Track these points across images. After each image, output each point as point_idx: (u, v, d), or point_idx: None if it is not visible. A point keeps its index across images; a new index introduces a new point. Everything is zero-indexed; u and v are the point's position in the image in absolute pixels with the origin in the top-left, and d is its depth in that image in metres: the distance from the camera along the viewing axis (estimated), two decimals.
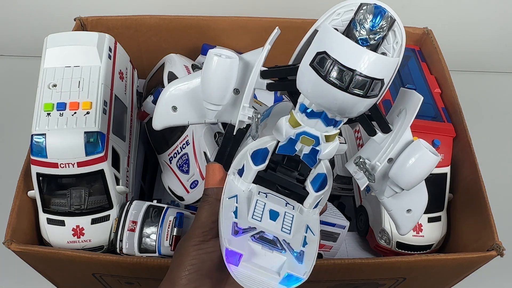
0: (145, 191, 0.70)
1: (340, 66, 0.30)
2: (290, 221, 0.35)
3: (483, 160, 0.59)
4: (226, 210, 0.34)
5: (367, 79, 0.30)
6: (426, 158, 0.35)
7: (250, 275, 0.31)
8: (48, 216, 0.53)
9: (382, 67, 0.31)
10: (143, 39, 0.75)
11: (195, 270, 0.35)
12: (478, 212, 0.55)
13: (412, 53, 0.72)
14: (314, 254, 0.33)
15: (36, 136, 0.50)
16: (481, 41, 0.99)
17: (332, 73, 0.30)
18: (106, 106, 0.54)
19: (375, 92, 0.31)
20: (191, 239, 0.36)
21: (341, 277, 0.53)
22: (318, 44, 0.31)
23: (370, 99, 0.31)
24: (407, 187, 0.37)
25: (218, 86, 0.36)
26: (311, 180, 0.37)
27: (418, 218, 0.41)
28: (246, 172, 0.36)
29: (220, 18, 0.74)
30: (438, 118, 0.62)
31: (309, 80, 0.31)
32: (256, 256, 0.32)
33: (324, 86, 0.30)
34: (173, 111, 0.40)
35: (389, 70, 0.32)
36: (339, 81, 0.30)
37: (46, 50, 0.55)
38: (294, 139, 0.35)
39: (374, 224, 0.61)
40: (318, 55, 0.31)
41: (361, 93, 0.30)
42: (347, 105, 0.31)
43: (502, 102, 1.00)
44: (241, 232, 0.33)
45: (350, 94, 0.30)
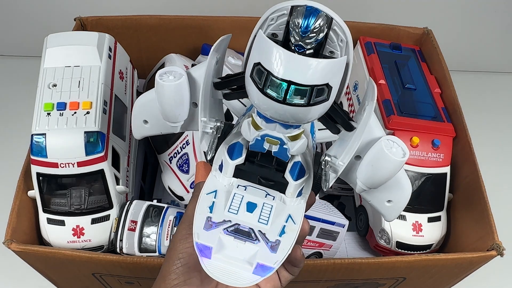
0: (145, 191, 0.70)
1: (273, 78, 0.28)
2: (268, 211, 0.35)
3: (483, 160, 0.59)
4: (202, 205, 0.34)
5: (306, 87, 0.28)
6: (389, 162, 0.35)
7: (223, 267, 0.31)
8: (48, 216, 0.53)
9: (323, 71, 0.29)
10: (143, 39, 0.75)
11: (182, 264, 0.35)
12: (478, 212, 0.55)
13: (412, 53, 0.72)
14: (291, 243, 0.33)
15: (36, 136, 0.50)
16: (481, 41, 0.99)
17: (269, 86, 0.29)
18: (106, 106, 0.54)
19: (322, 97, 0.29)
20: (178, 233, 0.37)
21: (341, 276, 0.53)
22: (254, 54, 0.30)
23: (319, 105, 0.30)
24: (373, 186, 0.37)
25: (171, 108, 0.37)
26: (289, 170, 0.36)
27: (402, 207, 0.40)
28: (224, 167, 0.36)
29: (220, 18, 0.74)
30: (438, 118, 0.62)
31: (252, 92, 0.30)
32: (228, 248, 0.32)
33: (264, 98, 0.29)
34: (145, 124, 0.42)
35: (334, 72, 0.30)
36: (275, 93, 0.29)
37: (46, 50, 0.55)
38: (260, 140, 0.35)
39: (374, 224, 0.61)
40: (255, 66, 0.30)
41: (303, 102, 0.29)
42: (294, 115, 0.30)
43: (502, 102, 1.00)
44: (214, 226, 0.33)
45: (290, 105, 0.29)
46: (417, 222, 0.59)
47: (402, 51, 0.72)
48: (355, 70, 0.72)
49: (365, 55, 0.70)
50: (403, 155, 0.35)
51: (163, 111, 0.38)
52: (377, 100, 0.64)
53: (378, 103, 0.63)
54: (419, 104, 0.63)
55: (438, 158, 0.59)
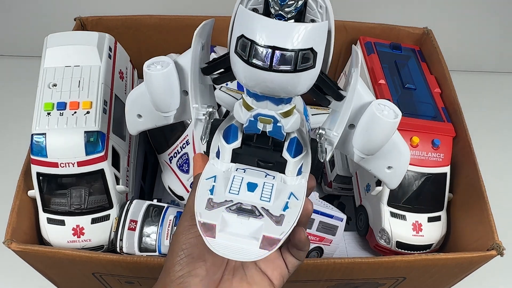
0: (145, 190, 0.70)
1: (258, 46, 0.28)
2: (269, 190, 0.34)
3: (483, 160, 0.59)
4: (203, 189, 0.34)
5: (291, 52, 0.28)
6: (382, 125, 0.35)
7: (228, 245, 0.31)
8: (48, 216, 0.53)
9: (306, 35, 0.29)
10: (143, 39, 0.75)
11: (186, 255, 0.35)
12: (478, 212, 0.55)
13: (412, 53, 0.72)
14: (296, 216, 0.33)
15: (36, 136, 0.50)
16: (481, 41, 0.99)
17: (254, 55, 0.29)
18: (106, 106, 0.54)
19: (309, 63, 0.29)
20: (180, 225, 0.37)
21: (341, 276, 0.53)
22: (237, 29, 0.30)
23: (306, 71, 0.29)
24: (370, 153, 0.37)
25: (161, 97, 0.37)
26: (287, 148, 0.36)
27: (402, 173, 0.40)
28: (221, 152, 0.36)
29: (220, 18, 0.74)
30: (438, 118, 0.62)
31: (239, 68, 0.30)
32: (232, 225, 0.31)
33: (251, 70, 0.29)
34: (139, 118, 0.42)
35: (317, 36, 0.29)
36: (261, 61, 0.29)
37: (46, 50, 0.55)
38: (254, 120, 0.34)
39: (374, 224, 0.61)
40: (239, 40, 0.30)
41: (290, 68, 0.29)
42: (283, 84, 0.30)
43: (502, 102, 1.00)
44: (216, 206, 0.32)
45: (277, 72, 0.29)
46: (417, 222, 0.59)
47: (402, 51, 0.72)
48: None
49: (365, 55, 0.70)
50: (395, 116, 0.35)
51: (154, 102, 0.38)
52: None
53: None
54: (419, 104, 0.63)
55: (438, 158, 0.59)
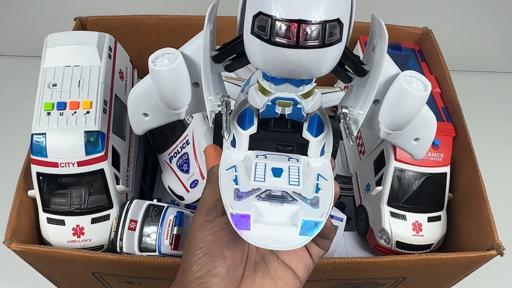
0: (145, 190, 0.70)
1: (281, 22, 0.26)
2: (296, 173, 0.32)
3: (483, 160, 0.59)
4: (226, 180, 0.31)
5: (317, 25, 0.26)
6: (412, 99, 0.33)
7: (266, 235, 0.28)
8: (48, 216, 0.53)
9: (331, 5, 0.26)
10: (143, 39, 0.75)
11: (204, 253, 0.33)
12: (478, 212, 0.55)
13: (412, 53, 0.72)
14: (331, 197, 0.31)
15: (36, 136, 0.50)
16: (481, 41, 0.99)
17: (276, 33, 0.26)
18: (106, 106, 0.54)
19: (336, 36, 0.27)
20: (195, 222, 0.34)
21: (341, 276, 0.53)
22: (251, 7, 0.27)
23: (333, 46, 0.27)
24: (399, 128, 0.35)
25: (172, 94, 0.34)
26: (307, 128, 0.34)
27: (429, 143, 0.38)
28: (238, 140, 0.34)
29: (220, 18, 0.73)
30: (438, 117, 0.61)
31: (256, 50, 0.28)
32: (266, 214, 0.29)
33: (273, 50, 0.27)
34: (144, 117, 0.39)
35: (342, 6, 0.27)
36: (286, 39, 0.26)
37: (46, 49, 0.55)
38: (271, 105, 0.32)
39: (374, 224, 0.61)
40: (255, 19, 0.27)
41: (318, 43, 0.26)
42: (309, 62, 0.27)
43: (502, 102, 1.00)
44: (245, 195, 0.30)
45: (305, 48, 0.26)
46: (417, 222, 0.59)
47: (402, 51, 0.72)
48: None
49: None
50: (424, 89, 0.33)
51: (165, 99, 0.35)
52: None
53: None
54: None
55: (438, 158, 0.59)
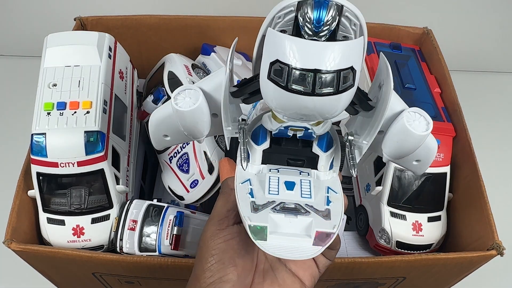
0: (145, 190, 0.70)
1: (297, 71, 0.27)
2: (308, 186, 0.34)
3: (483, 160, 0.59)
4: (242, 193, 0.33)
5: (333, 73, 0.27)
6: (413, 137, 0.34)
7: (281, 245, 0.30)
8: (48, 216, 0.53)
9: (345, 54, 0.28)
10: (143, 39, 0.75)
11: (216, 260, 0.34)
12: (478, 212, 0.55)
13: (412, 53, 0.72)
14: (341, 210, 0.33)
15: (36, 136, 0.50)
16: (481, 41, 0.99)
17: (293, 81, 0.27)
18: (106, 106, 0.54)
19: (349, 82, 0.28)
20: (207, 230, 0.36)
21: (341, 276, 0.53)
22: (268, 53, 0.29)
23: (347, 91, 0.29)
24: (401, 157, 0.37)
25: (194, 128, 0.36)
26: (317, 143, 0.36)
27: (430, 163, 0.40)
28: (252, 155, 0.36)
29: (220, 18, 0.74)
30: (438, 117, 0.62)
31: (273, 95, 0.29)
32: (281, 226, 0.31)
33: (289, 97, 0.28)
34: (165, 138, 0.40)
35: (356, 54, 0.29)
36: (302, 86, 0.27)
37: (46, 49, 0.55)
38: (284, 129, 0.34)
39: (374, 224, 0.61)
40: (272, 66, 0.28)
41: (332, 90, 0.28)
42: (324, 108, 0.29)
43: (502, 102, 1.00)
44: (261, 208, 0.32)
45: (320, 96, 0.28)
46: (417, 222, 0.59)
47: (402, 51, 0.72)
48: None
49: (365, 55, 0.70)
50: (426, 129, 0.34)
51: (186, 130, 0.37)
52: None
53: None
54: (419, 104, 0.62)
55: (438, 158, 0.59)
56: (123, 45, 0.64)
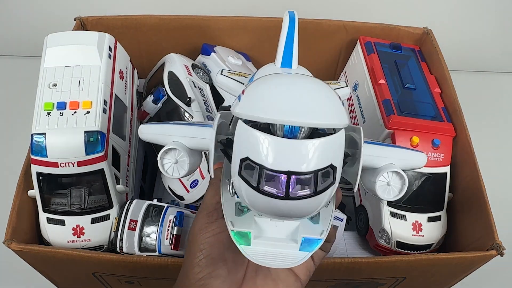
0: (145, 190, 0.70)
1: (269, 172, 0.24)
2: None
3: (483, 160, 0.59)
4: (227, 192, 0.31)
5: (309, 174, 0.25)
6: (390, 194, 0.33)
7: (266, 251, 0.29)
8: (48, 216, 0.53)
9: (324, 152, 0.25)
10: (143, 39, 0.75)
11: (205, 255, 0.33)
12: (478, 212, 0.55)
13: (412, 53, 0.72)
14: (331, 214, 0.31)
15: (36, 136, 0.50)
16: (481, 41, 0.99)
17: (265, 182, 0.25)
18: (106, 106, 0.54)
19: (329, 180, 0.26)
20: (196, 224, 0.35)
21: (341, 276, 0.53)
22: (239, 148, 0.26)
23: (326, 190, 0.26)
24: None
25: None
26: None
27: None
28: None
29: (220, 18, 0.74)
30: (438, 117, 0.62)
31: (245, 193, 0.26)
32: (267, 230, 0.30)
33: (261, 198, 0.25)
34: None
35: (336, 149, 0.26)
36: (275, 189, 0.25)
37: (46, 49, 0.55)
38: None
39: (374, 224, 0.61)
40: (243, 162, 0.26)
41: (309, 193, 0.25)
42: (300, 211, 0.26)
43: (502, 102, 1.00)
44: (246, 210, 0.31)
45: (295, 199, 0.25)
46: (417, 222, 0.59)
47: (402, 51, 0.72)
48: (355, 70, 0.72)
49: (365, 55, 0.70)
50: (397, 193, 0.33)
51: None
52: (377, 100, 0.65)
53: (378, 102, 0.63)
54: (419, 104, 0.63)
55: (438, 158, 0.59)
56: (123, 45, 0.64)
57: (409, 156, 0.35)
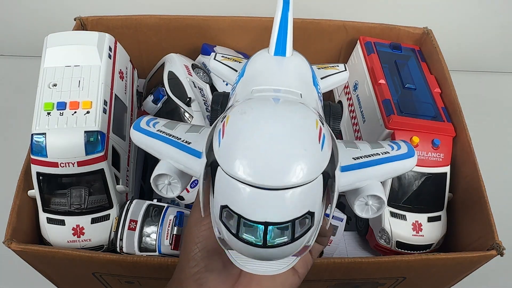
0: (145, 190, 0.70)
1: (247, 222, 0.25)
2: None
3: (483, 160, 0.59)
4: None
5: (286, 224, 0.25)
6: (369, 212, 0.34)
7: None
8: (48, 216, 0.53)
9: (300, 201, 0.26)
10: (143, 39, 0.75)
11: (200, 249, 0.33)
12: (478, 212, 0.55)
13: (412, 53, 0.72)
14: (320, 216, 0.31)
15: (36, 136, 0.50)
16: (481, 41, 0.99)
17: (243, 230, 0.25)
18: (106, 106, 0.54)
19: (306, 226, 0.26)
20: (191, 218, 0.35)
21: (341, 276, 0.53)
22: (219, 195, 0.27)
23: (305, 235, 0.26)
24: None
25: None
26: None
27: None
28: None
29: (220, 18, 0.74)
30: (438, 117, 0.62)
31: (226, 236, 0.27)
32: None
33: (241, 244, 0.26)
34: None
35: (313, 196, 0.27)
36: (253, 237, 0.25)
37: (46, 49, 0.55)
38: None
39: (374, 224, 0.61)
40: (223, 209, 0.26)
41: (287, 240, 0.26)
42: (280, 255, 0.27)
43: (502, 102, 1.00)
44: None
45: (273, 247, 0.26)
46: (417, 222, 0.59)
47: (402, 51, 0.72)
48: (355, 70, 0.72)
49: (365, 55, 0.70)
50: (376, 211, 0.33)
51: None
52: (377, 100, 0.65)
53: (378, 102, 0.63)
54: (419, 104, 0.63)
55: (438, 158, 0.59)
56: (123, 45, 0.64)
57: (393, 168, 0.35)
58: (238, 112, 0.28)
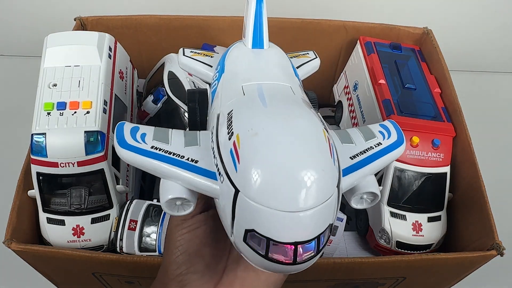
0: (145, 190, 0.70)
1: (277, 244, 0.26)
2: None
3: (483, 160, 0.59)
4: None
5: (313, 240, 0.27)
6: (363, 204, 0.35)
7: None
8: (48, 216, 0.53)
9: (323, 217, 0.27)
10: (143, 39, 0.75)
11: (182, 252, 0.34)
12: (478, 212, 0.55)
13: (412, 53, 0.72)
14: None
15: (36, 136, 0.50)
16: (481, 41, 0.99)
17: (273, 251, 0.26)
18: (106, 106, 0.54)
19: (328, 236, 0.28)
20: (172, 220, 0.35)
21: (341, 276, 0.53)
22: (243, 219, 0.27)
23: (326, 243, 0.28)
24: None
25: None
26: None
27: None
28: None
29: (220, 18, 0.74)
30: (438, 117, 0.62)
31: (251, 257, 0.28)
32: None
33: (268, 263, 0.27)
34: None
35: (332, 209, 0.28)
36: (283, 256, 0.26)
37: (46, 49, 0.55)
38: None
39: (374, 224, 0.61)
40: (248, 232, 0.27)
41: (313, 254, 0.27)
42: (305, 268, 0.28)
43: (502, 102, 1.00)
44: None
45: (302, 263, 0.27)
46: (417, 222, 0.59)
47: (402, 51, 0.72)
48: (355, 70, 0.72)
49: (365, 55, 0.70)
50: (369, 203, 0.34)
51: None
52: (377, 100, 0.65)
53: (378, 102, 0.63)
54: (419, 104, 0.63)
55: (438, 158, 0.59)
56: (123, 45, 0.64)
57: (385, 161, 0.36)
58: (249, 133, 0.28)
